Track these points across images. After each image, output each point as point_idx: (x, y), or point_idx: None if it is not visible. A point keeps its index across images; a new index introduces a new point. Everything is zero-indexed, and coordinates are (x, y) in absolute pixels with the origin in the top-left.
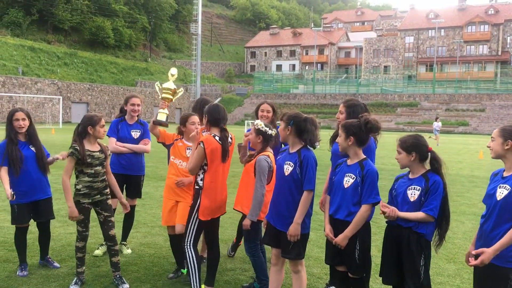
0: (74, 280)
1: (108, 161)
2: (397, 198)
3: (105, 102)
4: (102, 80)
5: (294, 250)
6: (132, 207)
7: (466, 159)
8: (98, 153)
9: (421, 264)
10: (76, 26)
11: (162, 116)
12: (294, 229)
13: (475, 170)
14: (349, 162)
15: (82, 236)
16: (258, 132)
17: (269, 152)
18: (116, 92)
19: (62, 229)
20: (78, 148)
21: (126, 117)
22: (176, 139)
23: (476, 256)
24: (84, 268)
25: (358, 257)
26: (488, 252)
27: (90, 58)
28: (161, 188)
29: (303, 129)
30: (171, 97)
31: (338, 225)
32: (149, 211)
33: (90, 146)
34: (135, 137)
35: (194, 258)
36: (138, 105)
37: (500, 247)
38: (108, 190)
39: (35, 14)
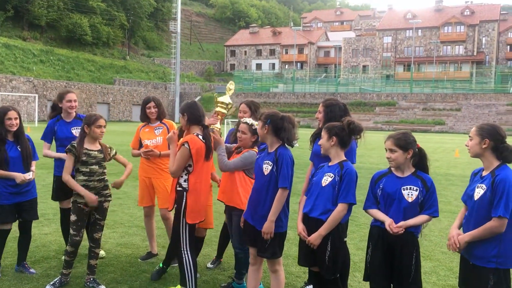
0: (54, 281)
1: (117, 156)
2: (388, 198)
3: (82, 101)
4: (79, 78)
5: (270, 249)
6: None
7: (443, 158)
8: (96, 153)
9: (412, 262)
10: (52, 23)
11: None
12: (267, 227)
13: (451, 169)
14: (330, 163)
15: (73, 241)
16: (255, 132)
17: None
18: (94, 90)
19: (37, 230)
20: (75, 145)
21: (62, 115)
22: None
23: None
24: (70, 271)
25: (328, 258)
26: (462, 237)
27: (67, 56)
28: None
29: (280, 127)
30: (225, 111)
31: (312, 224)
32: (126, 210)
33: (89, 145)
34: (77, 135)
35: (191, 263)
36: (75, 100)
37: (472, 237)
38: (108, 191)
39: (10, 10)
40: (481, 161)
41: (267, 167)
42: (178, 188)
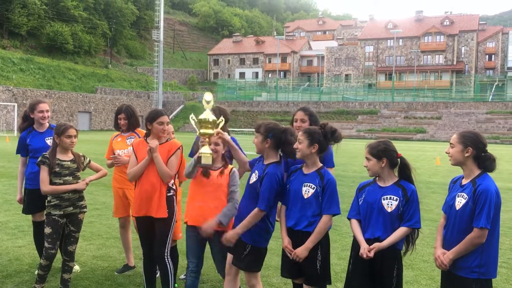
0: None
1: (91, 164)
2: (368, 207)
3: (63, 110)
4: (60, 87)
5: (245, 261)
6: None
7: (424, 166)
8: (69, 163)
9: (394, 275)
10: (33, 31)
11: (207, 159)
12: (230, 235)
13: (432, 176)
14: (305, 170)
15: (48, 254)
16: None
17: None
18: (75, 99)
19: (10, 243)
20: (47, 156)
21: (34, 125)
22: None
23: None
24: (43, 286)
25: (319, 267)
26: (446, 255)
27: (47, 64)
28: None
29: (283, 141)
30: (211, 131)
31: (298, 236)
32: (104, 221)
33: (61, 155)
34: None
35: (173, 269)
36: (47, 111)
37: (456, 254)
38: (83, 202)
39: None
40: (462, 169)
41: (253, 178)
42: (170, 193)
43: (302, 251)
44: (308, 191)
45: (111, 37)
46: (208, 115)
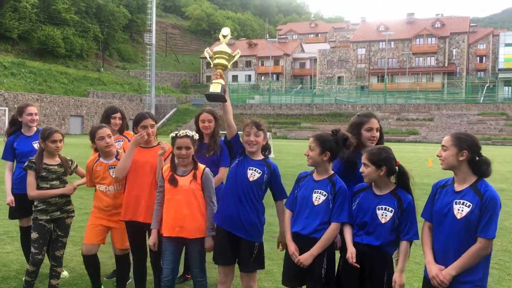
0: None
1: (78, 169)
2: (362, 216)
3: (55, 114)
4: (52, 91)
5: (257, 260)
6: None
7: (417, 167)
8: (56, 167)
9: (384, 280)
10: (24, 35)
11: (216, 87)
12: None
13: (424, 178)
14: (316, 176)
15: (35, 260)
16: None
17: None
18: (67, 103)
19: None
20: (34, 160)
21: (22, 129)
22: (96, 162)
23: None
24: None
25: (324, 275)
26: (447, 272)
27: (39, 68)
28: None
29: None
30: (225, 62)
31: (304, 242)
32: None
33: (48, 160)
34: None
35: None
36: (36, 114)
37: (459, 269)
38: (70, 207)
39: None
40: (454, 174)
41: (253, 174)
42: None
43: (306, 258)
44: (319, 197)
45: (103, 41)
46: (223, 47)
